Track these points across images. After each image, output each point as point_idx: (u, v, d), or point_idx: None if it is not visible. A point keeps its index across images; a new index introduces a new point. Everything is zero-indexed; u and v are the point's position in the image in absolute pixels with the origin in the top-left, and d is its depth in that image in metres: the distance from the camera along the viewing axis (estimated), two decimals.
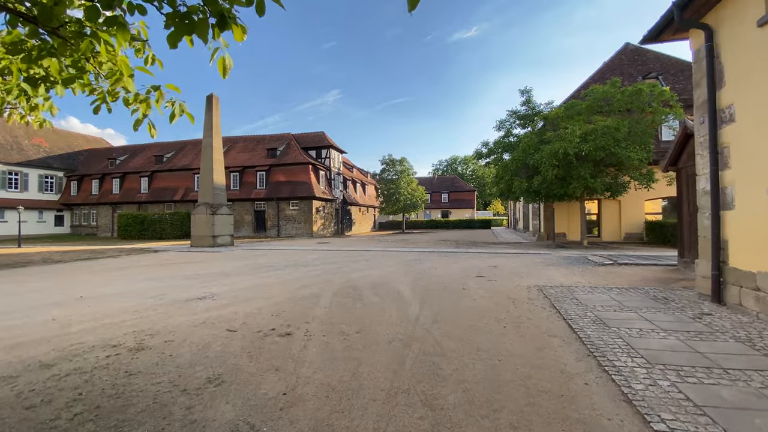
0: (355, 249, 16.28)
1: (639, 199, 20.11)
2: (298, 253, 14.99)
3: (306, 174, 29.59)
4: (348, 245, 19.05)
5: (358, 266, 10.51)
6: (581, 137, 13.75)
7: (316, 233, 29.67)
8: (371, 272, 9.33)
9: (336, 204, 33.68)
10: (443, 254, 13.66)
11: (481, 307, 5.75)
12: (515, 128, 18.60)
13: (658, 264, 9.80)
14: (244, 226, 30.99)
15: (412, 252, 14.66)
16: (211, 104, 19.22)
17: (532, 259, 11.77)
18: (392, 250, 15.55)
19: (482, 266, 10.38)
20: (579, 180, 14.29)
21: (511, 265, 10.46)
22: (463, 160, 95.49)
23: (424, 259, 11.98)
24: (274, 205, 29.95)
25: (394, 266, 10.47)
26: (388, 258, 12.58)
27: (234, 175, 31.72)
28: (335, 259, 12.24)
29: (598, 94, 15.81)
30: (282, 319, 5.13)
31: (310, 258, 12.72)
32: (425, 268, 9.94)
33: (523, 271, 9.47)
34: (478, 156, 18.96)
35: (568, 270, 9.47)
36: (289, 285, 7.72)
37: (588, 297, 6.39)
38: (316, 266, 10.59)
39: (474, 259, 12.22)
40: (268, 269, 10.16)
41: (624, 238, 20.74)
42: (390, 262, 11.53)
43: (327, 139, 33.34)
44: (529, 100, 17.87)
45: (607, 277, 8.30)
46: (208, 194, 18.69)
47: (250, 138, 36.02)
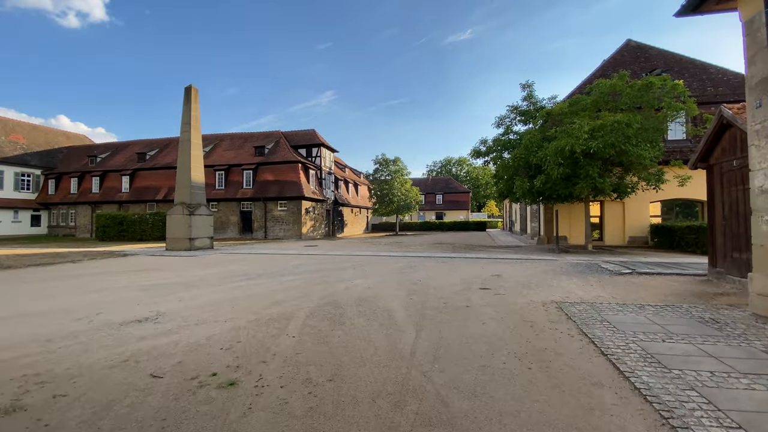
0: (343, 253, 15.02)
1: (644, 201, 19.14)
2: (280, 258, 13.68)
3: (295, 173, 28.24)
4: (337, 249, 17.77)
5: (344, 275, 9.25)
6: (589, 133, 12.66)
7: (306, 235, 28.33)
8: (359, 283, 8.08)
9: (327, 205, 32.37)
10: (440, 260, 12.46)
11: (492, 335, 4.54)
12: (516, 125, 17.52)
13: (683, 273, 8.69)
14: (229, 227, 29.53)
15: (406, 257, 13.43)
16: (190, 96, 17.84)
17: (539, 267, 10.62)
18: (384, 254, 14.31)
19: (484, 275, 9.19)
20: (586, 180, 13.20)
21: (516, 274, 9.28)
22: (457, 161, 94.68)
23: (419, 266, 10.76)
24: (262, 206, 28.55)
25: (385, 275, 9.23)
26: (380, 265, 11.34)
27: (219, 174, 30.27)
28: (320, 266, 10.97)
29: (604, 88, 14.77)
30: (233, 356, 3.86)
31: (292, 264, 11.42)
32: (421, 278, 8.72)
33: (532, 281, 8.30)
34: (476, 154, 17.83)
35: (582, 281, 8.31)
36: (258, 301, 6.44)
37: (620, 319, 5.21)
38: (296, 275, 9.31)
39: (474, 265, 11.03)
40: (240, 279, 8.85)
41: (628, 241, 19.77)
42: (381, 269, 10.29)
43: (318, 137, 32.03)
44: (531, 94, 16.80)
45: (632, 290, 7.14)
46: (185, 193, 17.29)
47: (237, 135, 34.58)
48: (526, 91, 16.82)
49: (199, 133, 18.35)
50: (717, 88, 19.82)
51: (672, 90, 13.44)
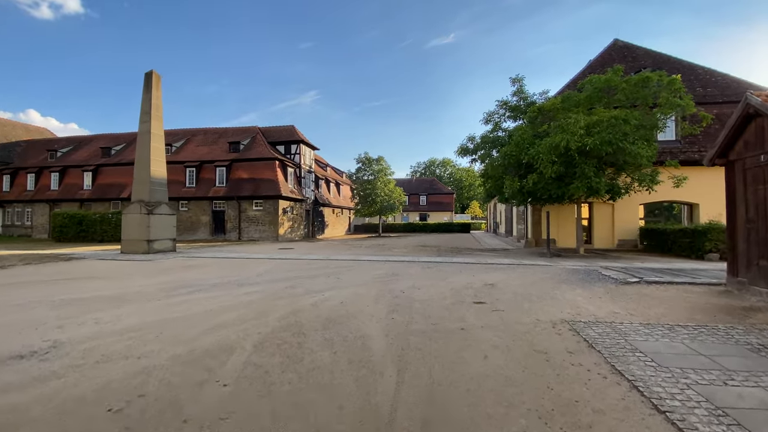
0: (320, 257, 13.68)
1: (633, 203, 18.55)
2: (247, 263, 12.24)
3: (272, 171, 26.64)
4: (314, 252, 16.40)
5: (315, 285, 7.95)
6: (585, 129, 11.77)
7: (283, 236, 26.76)
8: (331, 296, 6.80)
9: (306, 204, 30.86)
10: (425, 266, 11.30)
11: (499, 376, 3.37)
12: (505, 121, 16.59)
13: (696, 282, 7.79)
14: (200, 228, 27.65)
15: (388, 262, 12.22)
16: (150, 83, 16.16)
17: (534, 274, 9.59)
18: (365, 259, 13.05)
19: (476, 284, 8.07)
20: (582, 179, 12.31)
21: (512, 283, 8.20)
22: (441, 163, 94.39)
23: (402, 274, 9.56)
24: (235, 205, 26.82)
25: (363, 285, 7.98)
26: (358, 271, 10.08)
27: (190, 171, 28.35)
28: (290, 273, 9.62)
29: (599, 83, 13.98)
30: (121, 425, 2.55)
31: (257, 271, 10.03)
32: (404, 289, 7.51)
33: (531, 291, 7.22)
34: (463, 152, 16.81)
35: (588, 291, 7.29)
36: (198, 323, 5.09)
37: (654, 347, 4.14)
38: (257, 285, 7.94)
39: (464, 272, 9.92)
40: (189, 290, 7.43)
41: (617, 244, 19.16)
42: (359, 277, 9.03)
43: (297, 134, 30.50)
44: (521, 89, 15.90)
45: (648, 305, 6.14)
46: (143, 190, 15.59)
47: (210, 130, 32.66)
48: (516, 85, 15.91)
49: (161, 124, 16.67)
50: (705, 88, 19.48)
51: (669, 86, 12.73)
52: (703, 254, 13.38)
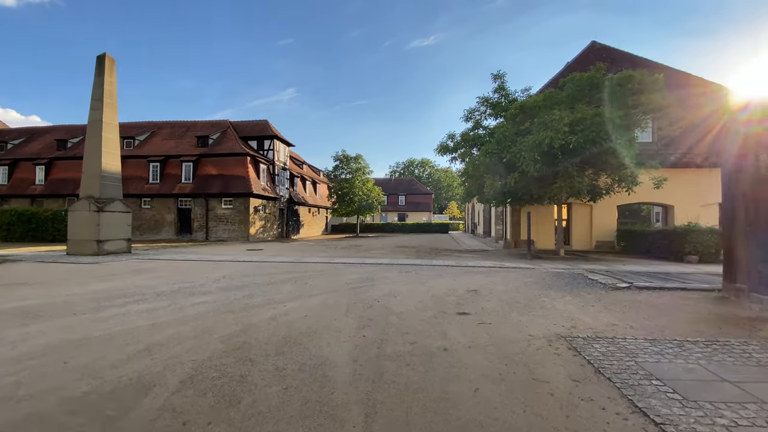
0: (290, 260, 12.68)
1: (611, 205, 18.51)
2: (206, 266, 11.11)
3: (243, 167, 25.25)
4: (284, 253, 15.36)
5: (278, 293, 7.01)
6: (569, 126, 11.34)
7: (254, 237, 25.42)
8: (294, 308, 5.91)
9: (281, 203, 29.56)
10: (403, 269, 10.54)
11: (495, 421, 2.61)
12: (486, 119, 16.08)
13: (688, 288, 7.36)
14: (164, 227, 25.90)
15: (364, 265, 11.38)
16: (103, 67, 14.66)
17: (518, 277, 8.99)
18: (339, 261, 12.16)
19: (458, 290, 7.36)
20: (565, 179, 11.88)
21: (496, 289, 7.54)
22: (420, 163, 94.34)
23: (378, 279, 8.74)
24: (203, 203, 25.26)
25: (334, 293, 7.12)
26: (330, 276, 9.20)
27: (154, 166, 26.53)
28: (251, 279, 8.62)
29: (581, 81, 13.65)
30: None
31: (215, 276, 8.96)
32: (380, 297, 6.70)
33: (518, 299, 6.57)
34: (443, 150, 16.20)
35: (578, 298, 6.70)
36: (120, 347, 4.09)
37: (670, 371, 3.50)
38: (210, 294, 6.93)
39: (444, 276, 9.21)
40: (125, 302, 6.35)
41: (595, 246, 19.07)
42: (330, 283, 8.15)
43: (271, 129, 29.16)
44: (503, 86, 15.42)
45: (646, 315, 5.59)
46: (93, 185, 14.09)
47: (178, 124, 30.79)
48: (497, 82, 15.43)
49: (115, 112, 15.17)
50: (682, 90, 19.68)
51: (652, 85, 12.50)
52: (683, 256, 13.26)
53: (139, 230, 26.19)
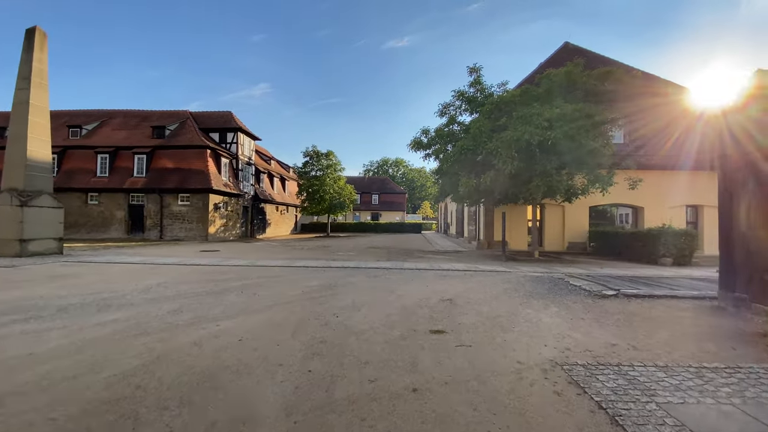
0: (244, 263, 11.38)
1: (583, 206, 18.33)
2: (144, 271, 9.66)
3: (202, 160, 23.40)
4: (242, 255, 13.98)
5: (216, 307, 5.82)
6: (549, 122, 10.74)
7: (214, 236, 23.64)
8: (229, 328, 4.77)
9: (245, 200, 27.81)
10: (371, 274, 9.54)
11: None
12: (461, 114, 15.36)
13: (677, 295, 6.80)
14: (113, 225, 23.61)
15: (329, 269, 10.29)
16: (33, 43, 12.74)
17: (495, 283, 8.22)
18: (301, 264, 10.99)
19: (432, 299, 6.45)
20: (542, 177, 11.29)
21: (474, 297, 6.69)
22: (394, 162, 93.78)
23: (341, 286, 7.69)
24: (157, 199, 23.20)
25: (285, 306, 6.01)
26: (287, 283, 8.06)
27: (102, 158, 24.16)
28: (189, 288, 7.34)
29: (558, 77, 13.17)
30: None
31: (145, 285, 7.59)
32: (339, 310, 5.66)
33: (499, 311, 5.72)
34: (416, 145, 15.33)
35: (564, 309, 5.95)
36: None
37: (703, 417, 2.71)
38: (129, 308, 5.64)
39: (415, 281, 8.29)
40: (12, 320, 4.97)
41: (567, 247, 18.86)
42: (284, 292, 7.03)
43: (235, 120, 27.34)
44: (479, 80, 14.74)
45: (645, 331, 4.87)
46: (16, 176, 12.18)
47: (132, 113, 28.35)
48: (473, 75, 14.72)
49: (46, 94, 13.26)
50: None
51: (630, 81, 12.16)
52: (656, 258, 13.06)
53: (84, 228, 23.79)
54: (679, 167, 18.42)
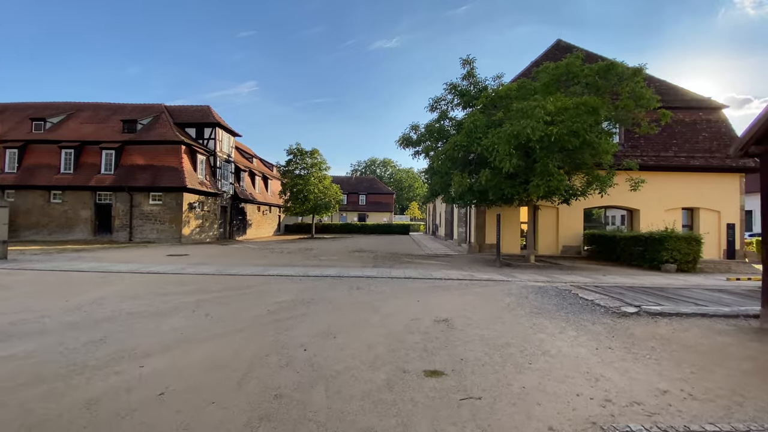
0: (210, 271, 10.10)
1: (578, 208, 17.57)
2: (88, 281, 8.31)
3: (176, 157, 21.84)
4: (212, 260, 12.66)
5: (150, 335, 4.61)
6: (551, 116, 9.79)
7: (189, 238, 22.10)
8: (152, 372, 3.57)
9: (223, 200, 26.29)
10: (355, 284, 8.40)
11: None
12: (453, 109, 14.35)
13: (708, 314, 5.85)
14: (78, 225, 21.84)
15: (306, 278, 9.11)
16: None
17: (495, 296, 7.19)
18: (274, 274, 9.76)
19: (424, 320, 5.36)
20: (543, 176, 10.34)
21: (474, 318, 5.62)
22: (382, 162, 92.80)
23: (317, 302, 6.53)
24: (126, 198, 21.54)
25: (239, 333, 4.83)
26: (251, 298, 6.86)
27: (67, 154, 22.36)
28: (130, 306, 6.07)
29: (558, 70, 12.29)
30: None
31: (78, 301, 6.29)
32: (308, 340, 4.52)
33: (507, 336, 4.67)
34: (405, 142, 14.26)
35: (583, 332, 4.94)
36: None
37: None
38: (30, 340, 4.36)
39: (404, 294, 7.20)
40: None
41: (561, 251, 18.08)
42: (244, 312, 5.84)
43: (213, 115, 25.80)
44: (473, 72, 13.76)
45: (690, 366, 3.88)
46: None
47: (103, 106, 26.52)
48: (466, 68, 13.73)
49: None
50: None
51: (633, 77, 11.35)
52: (659, 264, 12.30)
53: (47, 229, 21.98)
54: (674, 168, 17.86)
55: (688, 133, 19.01)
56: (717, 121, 19.40)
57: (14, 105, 27.14)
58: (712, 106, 19.67)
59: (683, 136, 18.92)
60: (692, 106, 19.07)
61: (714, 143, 18.78)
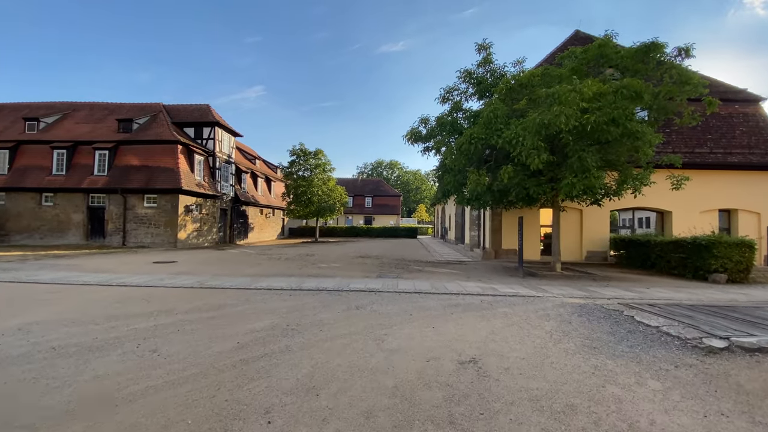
0: (190, 283, 8.79)
1: (603, 210, 16.00)
2: (29, 298, 7.04)
3: (172, 157, 20.73)
4: (197, 270, 11.37)
5: (45, 397, 3.26)
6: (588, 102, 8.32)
7: (186, 242, 20.94)
8: None
9: (223, 202, 25.15)
10: (354, 301, 7.02)
11: None
12: (467, 101, 12.92)
13: None
14: (70, 229, 20.83)
15: (296, 294, 7.74)
16: None
17: (530, 320, 5.74)
18: (262, 287, 8.40)
19: (443, 360, 3.95)
20: (579, 173, 8.84)
21: (508, 353, 4.20)
22: (388, 165, 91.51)
23: (302, 330, 5.14)
24: (120, 200, 20.47)
25: (181, 388, 3.47)
26: (218, 323, 5.51)
27: (59, 154, 21.41)
28: (59, 337, 4.74)
29: (588, 53, 10.84)
30: None
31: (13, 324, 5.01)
32: (280, 397, 3.14)
33: (568, 392, 3.24)
34: (413, 137, 12.88)
35: (675, 386, 3.48)
36: None
37: None
38: None
39: (415, 317, 5.78)
40: None
41: (585, 257, 16.52)
42: (201, 348, 4.48)
43: (212, 114, 24.70)
44: (489, 58, 12.33)
45: None
46: None
47: (99, 105, 25.62)
48: (482, 53, 12.30)
49: None
50: None
51: (678, 57, 9.83)
52: (706, 274, 10.71)
53: (38, 233, 21.01)
54: (710, 166, 16.23)
55: (724, 127, 17.34)
56: (754, 114, 17.70)
57: (10, 105, 26.37)
58: (749, 98, 18.00)
59: (719, 130, 17.26)
60: (728, 98, 17.34)
61: (752, 138, 17.08)
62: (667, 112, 9.93)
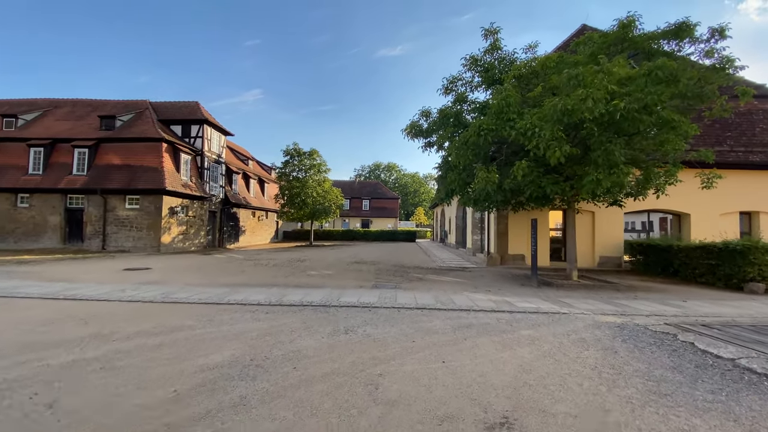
0: (150, 296, 7.53)
1: (617, 212, 14.91)
2: None
3: (156, 156, 19.46)
4: (170, 278, 10.11)
5: None
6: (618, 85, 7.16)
7: (171, 246, 19.63)
8: None
9: (212, 204, 23.87)
10: (343, 321, 5.80)
11: None
12: (473, 91, 11.77)
13: None
14: (46, 232, 19.48)
15: (274, 311, 6.51)
16: None
17: (563, 349, 4.54)
18: (235, 301, 7.14)
19: (461, 417, 2.73)
20: (604, 168, 7.67)
21: (550, 406, 2.99)
22: (386, 167, 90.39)
23: (273, 363, 3.93)
24: (100, 202, 19.16)
25: None
26: (163, 354, 4.28)
27: (36, 152, 20.10)
28: None
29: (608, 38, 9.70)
30: None
31: None
32: None
33: None
34: (413, 131, 11.71)
35: None
36: None
37: None
38: None
39: (419, 345, 4.57)
40: None
41: (599, 263, 15.35)
42: (119, 399, 3.24)
43: (201, 111, 23.47)
44: (497, 44, 11.19)
45: None
46: None
47: (82, 102, 24.35)
48: (489, 39, 11.16)
49: None
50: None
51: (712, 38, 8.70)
52: (741, 283, 9.56)
53: (13, 236, 19.66)
54: (731, 165, 15.12)
55: (744, 124, 16.27)
56: None
57: None
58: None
59: (739, 127, 16.17)
60: None
61: None
62: (702, 99, 8.78)
